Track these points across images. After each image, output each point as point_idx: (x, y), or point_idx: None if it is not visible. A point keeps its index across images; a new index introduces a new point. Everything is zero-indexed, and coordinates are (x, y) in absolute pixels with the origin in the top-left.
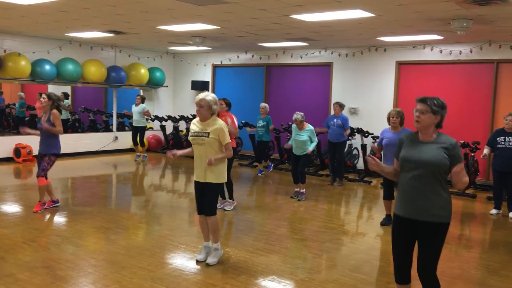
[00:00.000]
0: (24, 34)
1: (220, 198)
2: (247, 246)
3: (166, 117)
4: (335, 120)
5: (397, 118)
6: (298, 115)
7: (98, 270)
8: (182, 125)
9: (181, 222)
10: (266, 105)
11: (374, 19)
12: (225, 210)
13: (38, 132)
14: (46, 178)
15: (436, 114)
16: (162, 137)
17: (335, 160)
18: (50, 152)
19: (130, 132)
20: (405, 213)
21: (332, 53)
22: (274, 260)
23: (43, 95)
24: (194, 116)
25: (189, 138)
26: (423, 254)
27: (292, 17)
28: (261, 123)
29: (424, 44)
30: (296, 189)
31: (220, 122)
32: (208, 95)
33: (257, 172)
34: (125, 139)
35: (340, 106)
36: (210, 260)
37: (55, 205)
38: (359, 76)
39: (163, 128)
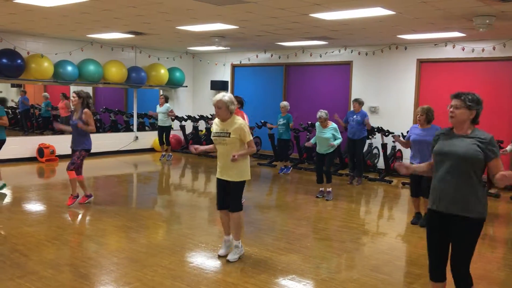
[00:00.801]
0: (46, 36)
1: None
2: (267, 245)
3: (185, 117)
4: (354, 116)
5: (422, 115)
6: (322, 113)
7: (120, 268)
8: (201, 124)
9: (201, 221)
10: (287, 103)
11: (394, 17)
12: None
13: (70, 128)
14: (80, 173)
15: (471, 109)
16: (182, 137)
17: (354, 158)
18: (80, 147)
19: (150, 132)
20: (438, 207)
21: (351, 52)
22: (294, 260)
23: (73, 94)
24: (213, 116)
25: (212, 138)
26: (455, 250)
27: (311, 16)
28: (281, 121)
29: (445, 41)
30: (321, 189)
31: (240, 121)
32: (225, 96)
33: (279, 171)
34: (145, 139)
35: (360, 103)
36: (231, 256)
37: (89, 199)
38: (379, 74)
39: (182, 128)
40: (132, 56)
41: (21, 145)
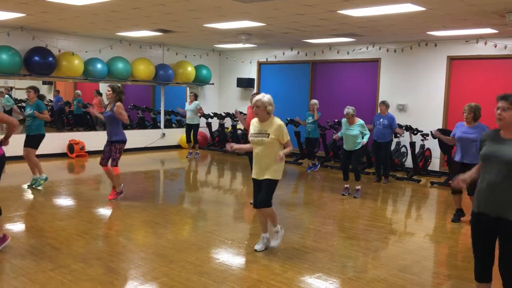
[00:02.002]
0: (77, 34)
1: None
2: (293, 243)
3: (212, 114)
4: (381, 119)
5: (469, 114)
6: (349, 109)
7: (148, 263)
8: (227, 122)
9: (227, 218)
10: (316, 101)
11: (424, 13)
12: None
13: (103, 116)
14: (117, 165)
15: None
16: (208, 134)
17: (379, 160)
18: (114, 139)
19: (177, 129)
20: (485, 210)
21: (380, 49)
22: (320, 258)
23: (108, 88)
24: (240, 114)
25: (249, 138)
26: (504, 252)
27: (339, 13)
28: (310, 119)
29: (477, 38)
30: (346, 186)
31: (279, 122)
32: (265, 96)
33: (307, 169)
34: (172, 135)
35: (386, 106)
36: (273, 243)
37: (119, 196)
38: (408, 72)
39: (209, 125)
40: (160, 54)
41: (52, 141)
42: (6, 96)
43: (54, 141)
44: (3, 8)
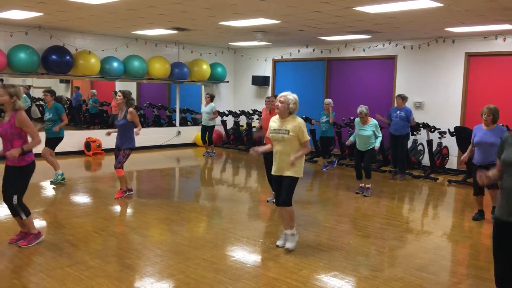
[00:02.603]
0: (94, 33)
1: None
2: (308, 241)
3: (227, 112)
4: (398, 112)
5: (488, 116)
6: (362, 108)
7: (164, 260)
8: (242, 120)
9: (242, 215)
10: (331, 100)
11: (442, 9)
12: (268, 201)
13: (116, 130)
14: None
15: None
16: (223, 132)
17: (397, 154)
18: (125, 146)
19: (192, 127)
20: (508, 218)
21: (396, 46)
22: (336, 256)
23: (119, 93)
24: (254, 112)
25: (269, 135)
26: None
27: (355, 9)
28: (324, 118)
29: (496, 34)
30: (360, 185)
31: (299, 120)
32: (290, 94)
33: (322, 167)
34: (188, 133)
35: (403, 98)
36: (289, 245)
37: (129, 193)
38: (425, 69)
39: (224, 123)
40: (175, 52)
41: (70, 139)
42: (24, 95)
43: (72, 139)
44: (22, 7)
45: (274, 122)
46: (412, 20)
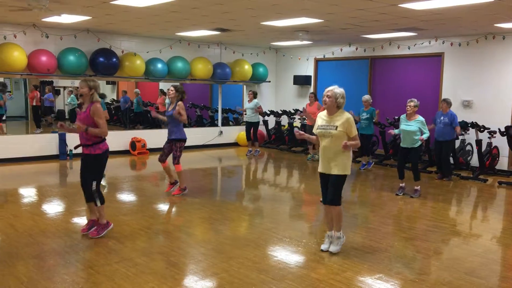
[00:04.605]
0: (139, 35)
1: None
2: (352, 242)
3: (268, 112)
4: (442, 117)
5: None
6: (412, 101)
7: (207, 259)
8: (284, 119)
9: (284, 215)
10: (369, 97)
11: (492, 5)
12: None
13: (165, 118)
14: (178, 163)
15: None
16: (265, 132)
17: (441, 159)
18: (175, 137)
19: (234, 127)
20: None
21: (443, 43)
22: (381, 258)
23: (171, 87)
24: (296, 111)
25: (316, 131)
26: None
27: (400, 6)
28: (364, 115)
29: None
30: (401, 185)
31: (347, 115)
32: (337, 88)
33: (360, 167)
34: (229, 133)
35: (448, 103)
36: (333, 248)
37: (183, 192)
38: (474, 66)
39: (265, 123)
40: (218, 53)
41: (115, 139)
42: (72, 96)
43: (118, 139)
44: (72, 11)
45: (321, 118)
46: (460, 17)
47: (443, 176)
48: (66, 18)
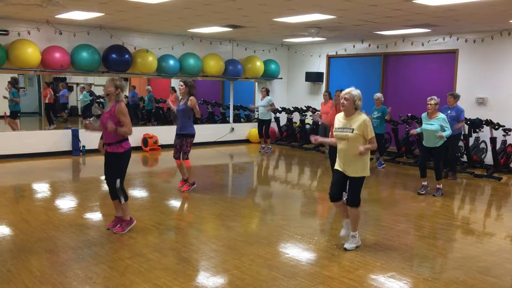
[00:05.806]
0: (151, 32)
1: None
2: (365, 240)
3: (280, 109)
4: (448, 111)
5: None
6: (433, 98)
7: (219, 255)
8: (296, 116)
9: (295, 212)
10: (381, 95)
11: (508, 0)
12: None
13: (175, 109)
14: (187, 158)
15: None
16: (276, 129)
17: (447, 155)
18: (184, 132)
19: (246, 124)
20: None
21: (457, 39)
22: (393, 257)
23: (180, 82)
24: (308, 108)
25: (334, 133)
26: None
27: (414, 2)
28: (376, 114)
29: None
30: (423, 183)
31: (364, 117)
32: (354, 90)
33: (377, 166)
34: (241, 130)
35: (455, 97)
36: (348, 245)
37: (192, 187)
38: (489, 63)
39: (277, 120)
40: (229, 49)
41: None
42: (84, 92)
43: (130, 135)
44: (85, 8)
45: (338, 120)
46: (475, 13)
47: (447, 175)
48: (79, 15)
